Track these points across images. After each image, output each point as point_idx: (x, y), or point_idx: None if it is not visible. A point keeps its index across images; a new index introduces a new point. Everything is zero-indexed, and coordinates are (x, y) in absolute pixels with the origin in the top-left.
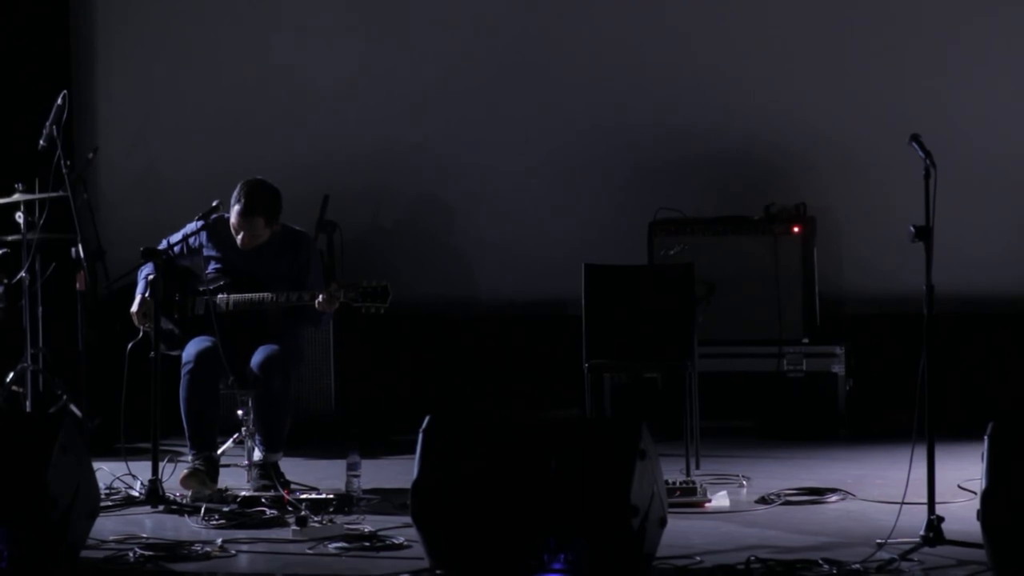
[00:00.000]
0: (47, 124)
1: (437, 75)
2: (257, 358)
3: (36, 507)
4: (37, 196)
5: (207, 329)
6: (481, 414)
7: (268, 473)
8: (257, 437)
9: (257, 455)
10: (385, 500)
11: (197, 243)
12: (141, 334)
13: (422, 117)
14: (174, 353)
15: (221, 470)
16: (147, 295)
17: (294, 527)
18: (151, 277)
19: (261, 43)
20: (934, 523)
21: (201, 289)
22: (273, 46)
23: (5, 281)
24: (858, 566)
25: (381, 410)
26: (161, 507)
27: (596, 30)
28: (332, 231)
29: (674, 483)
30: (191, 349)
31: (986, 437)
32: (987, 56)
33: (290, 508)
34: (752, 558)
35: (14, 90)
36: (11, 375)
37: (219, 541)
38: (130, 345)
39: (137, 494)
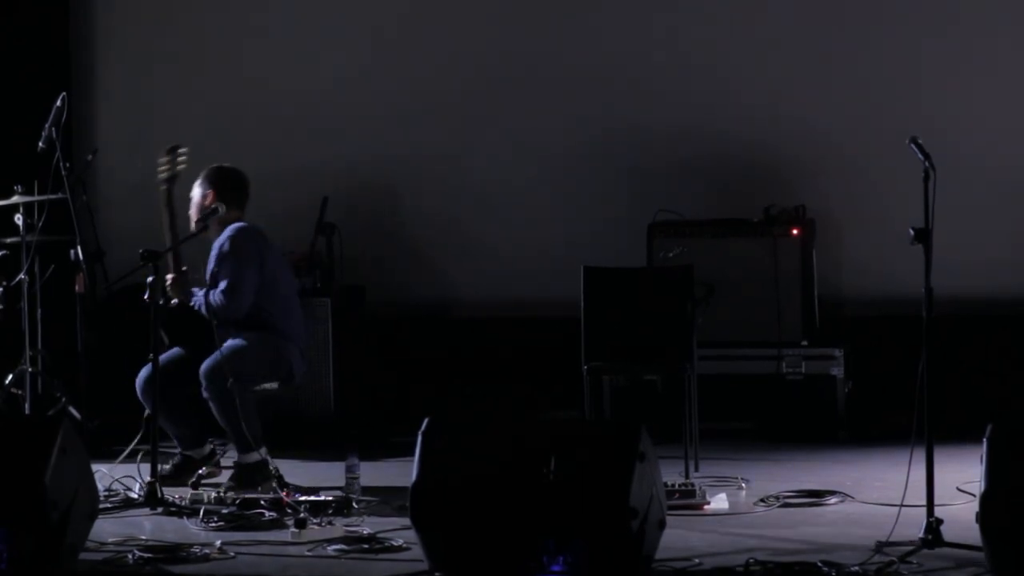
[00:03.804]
0: (46, 126)
1: (437, 76)
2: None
3: (35, 509)
4: (36, 198)
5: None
6: (480, 416)
7: (238, 475)
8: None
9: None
10: (384, 502)
11: None
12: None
13: (421, 118)
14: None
15: (222, 472)
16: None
17: (293, 529)
18: (151, 279)
19: (261, 45)
20: (933, 525)
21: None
22: (273, 48)
23: (4, 283)
24: (857, 568)
25: (380, 412)
26: (160, 509)
27: (596, 32)
28: (331, 233)
29: (673, 485)
30: (139, 375)
31: (985, 439)
32: (987, 58)
33: (289, 510)
34: (751, 560)
35: (14, 91)
36: (10, 377)
37: (218, 543)
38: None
39: (136, 496)
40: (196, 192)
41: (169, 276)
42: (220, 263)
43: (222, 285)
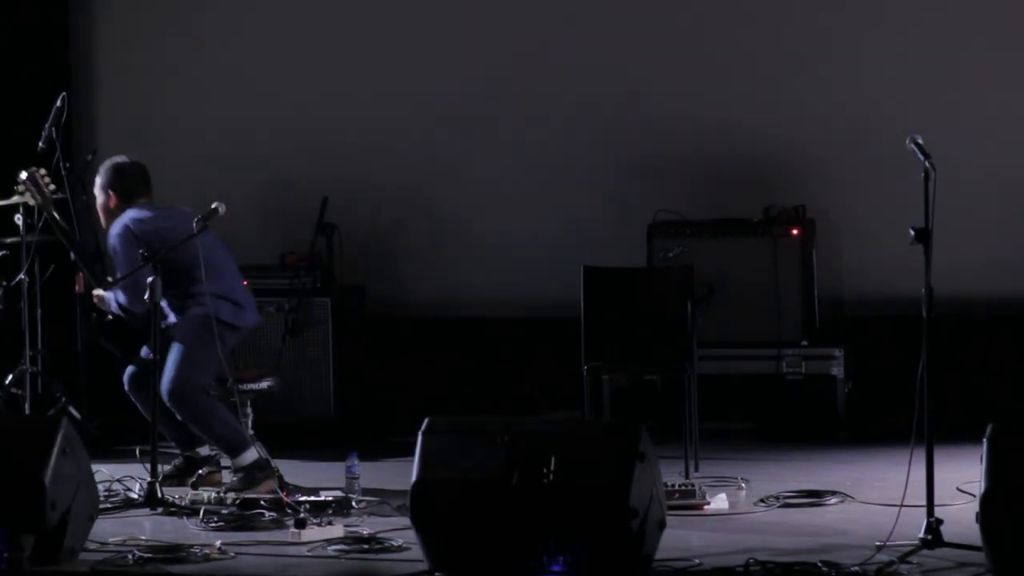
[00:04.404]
0: (46, 126)
1: (437, 77)
2: None
3: (35, 509)
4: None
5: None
6: (480, 415)
7: (241, 476)
8: None
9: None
10: (384, 502)
11: None
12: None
13: (422, 119)
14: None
15: (224, 472)
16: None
17: (293, 529)
18: (151, 279)
19: (261, 45)
20: (933, 525)
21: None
22: (273, 48)
23: (4, 283)
24: (857, 568)
25: (380, 412)
26: (160, 509)
27: (595, 33)
28: (331, 233)
29: (673, 485)
30: (125, 374)
31: (985, 439)
32: (986, 57)
33: (289, 510)
34: (751, 560)
35: (14, 91)
36: (10, 377)
37: (218, 543)
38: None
39: (136, 496)
40: (98, 195)
41: (96, 292)
42: (114, 263)
43: (120, 284)
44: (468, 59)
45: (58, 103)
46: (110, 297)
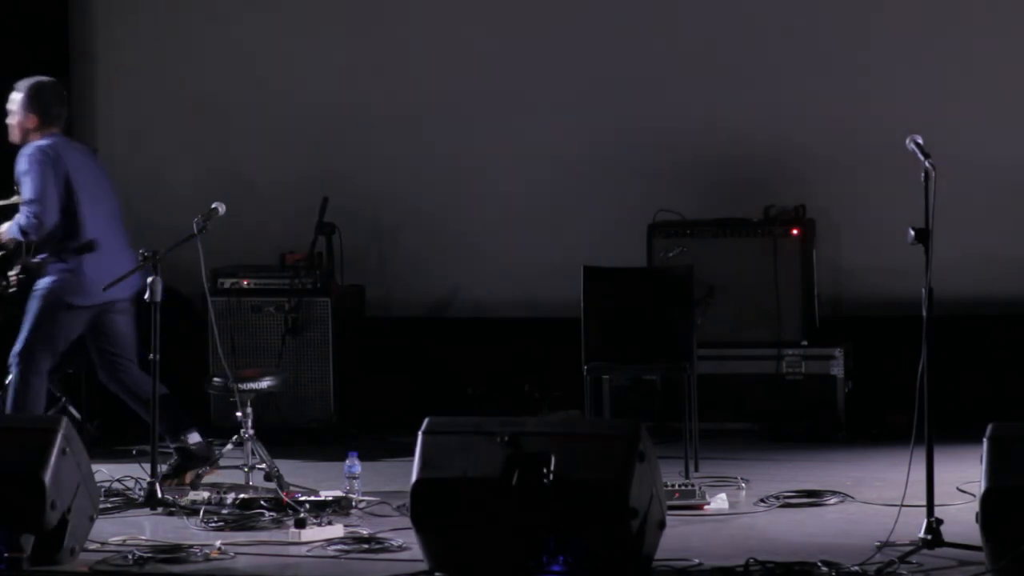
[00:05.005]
0: None
1: (438, 77)
2: None
3: (35, 509)
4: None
5: None
6: (480, 415)
7: None
8: None
9: None
10: (384, 502)
11: None
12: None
13: (422, 119)
14: None
15: (222, 472)
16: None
17: (293, 529)
18: (151, 279)
19: (261, 44)
20: (933, 525)
21: None
22: (274, 47)
23: (4, 283)
24: (857, 568)
25: (380, 412)
26: (160, 509)
27: (594, 33)
28: (331, 233)
29: (673, 485)
30: None
31: (985, 439)
32: (987, 56)
33: (289, 510)
34: (751, 560)
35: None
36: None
37: (218, 543)
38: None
39: (136, 496)
40: (16, 112)
41: None
42: (21, 182)
43: (26, 200)
44: (468, 59)
45: None
46: (11, 226)
